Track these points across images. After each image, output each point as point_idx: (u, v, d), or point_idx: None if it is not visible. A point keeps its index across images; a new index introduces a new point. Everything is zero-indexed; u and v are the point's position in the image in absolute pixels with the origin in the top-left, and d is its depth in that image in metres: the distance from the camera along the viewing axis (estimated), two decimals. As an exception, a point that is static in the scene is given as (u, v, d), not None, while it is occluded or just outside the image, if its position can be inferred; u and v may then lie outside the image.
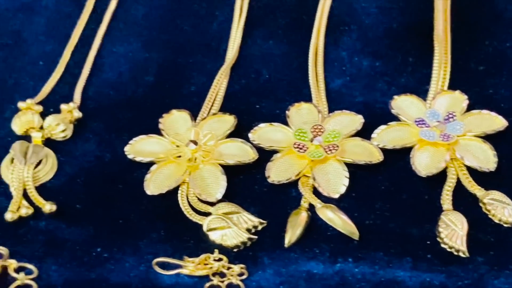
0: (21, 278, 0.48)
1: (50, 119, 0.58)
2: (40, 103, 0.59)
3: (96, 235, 0.51)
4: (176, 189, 0.54)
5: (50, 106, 0.60)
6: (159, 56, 0.63)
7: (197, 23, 0.65)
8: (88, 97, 0.60)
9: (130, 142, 0.57)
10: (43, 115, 0.58)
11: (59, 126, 0.57)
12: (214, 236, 0.51)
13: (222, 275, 0.48)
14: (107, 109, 0.60)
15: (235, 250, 0.50)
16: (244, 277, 0.48)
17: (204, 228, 0.51)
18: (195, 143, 0.55)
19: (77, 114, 0.58)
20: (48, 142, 0.57)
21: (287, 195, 0.53)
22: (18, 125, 0.57)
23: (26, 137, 0.57)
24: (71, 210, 0.53)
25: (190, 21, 0.65)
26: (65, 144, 0.57)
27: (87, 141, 0.57)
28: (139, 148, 0.56)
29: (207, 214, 0.52)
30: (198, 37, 0.64)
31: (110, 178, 0.55)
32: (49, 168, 0.55)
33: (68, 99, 0.60)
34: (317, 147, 0.54)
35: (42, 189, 0.54)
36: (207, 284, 0.48)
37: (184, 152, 0.55)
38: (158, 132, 0.57)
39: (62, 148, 0.57)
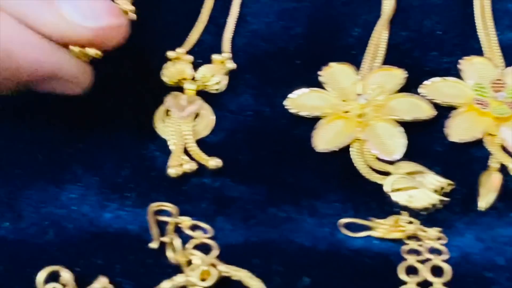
0: (198, 237, 0.44)
1: (204, 69, 0.53)
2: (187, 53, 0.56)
3: (267, 194, 0.47)
4: (346, 147, 0.50)
5: (197, 57, 0.56)
6: (307, 6, 0.59)
7: (347, -29, 0.61)
8: (238, 48, 0.56)
9: (290, 95, 0.52)
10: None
11: (214, 77, 0.53)
12: (398, 197, 0.46)
13: (417, 239, 0.44)
14: (259, 61, 0.55)
15: (423, 212, 0.46)
16: (443, 241, 0.44)
17: (387, 189, 0.47)
18: (365, 97, 0.51)
19: (231, 65, 0.54)
20: (200, 95, 0.53)
21: (470, 155, 0.49)
22: (169, 75, 0.53)
23: (177, 89, 0.54)
24: (236, 167, 0.49)
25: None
26: (219, 97, 0.53)
27: (242, 94, 0.53)
28: (300, 102, 0.52)
29: (385, 173, 0.48)
30: (349, -14, 0.60)
31: (273, 134, 0.51)
32: (206, 122, 0.52)
33: (215, 49, 0.56)
34: (500, 104, 0.50)
35: (201, 145, 0.51)
36: (405, 248, 0.44)
37: (353, 107, 0.51)
38: (316, 85, 0.53)
39: (216, 101, 0.53)
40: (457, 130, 0.49)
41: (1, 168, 0.48)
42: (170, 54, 0.54)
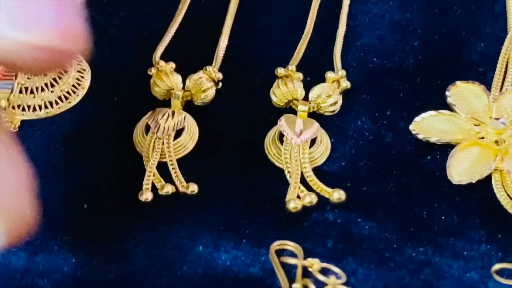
0: (333, 282, 0.39)
1: (318, 89, 0.48)
2: (293, 70, 0.51)
3: (399, 231, 0.42)
4: (484, 177, 0.45)
5: (305, 74, 0.50)
6: (421, 16, 0.53)
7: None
8: (348, 64, 0.51)
9: (416, 119, 0.47)
10: (298, 84, 0.50)
11: (331, 98, 0.48)
12: (552, 238, 0.41)
13: None
14: (374, 79, 0.50)
15: None
16: None
17: (538, 227, 0.42)
18: (502, 122, 0.46)
19: (345, 84, 0.49)
20: (311, 116, 0.48)
21: None
22: (279, 95, 0.48)
23: (286, 110, 0.49)
24: (360, 200, 0.44)
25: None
26: (334, 120, 0.48)
27: (359, 116, 0.48)
28: (427, 126, 0.47)
29: (531, 209, 0.43)
30: (466, -4, 0.55)
31: (399, 162, 0.46)
32: (324, 148, 0.46)
33: (323, 65, 0.51)
34: None
35: (318, 174, 0.46)
36: None
37: (488, 132, 0.46)
38: (441, 107, 0.48)
39: (330, 124, 0.48)
40: None
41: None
42: (280, 71, 0.49)
